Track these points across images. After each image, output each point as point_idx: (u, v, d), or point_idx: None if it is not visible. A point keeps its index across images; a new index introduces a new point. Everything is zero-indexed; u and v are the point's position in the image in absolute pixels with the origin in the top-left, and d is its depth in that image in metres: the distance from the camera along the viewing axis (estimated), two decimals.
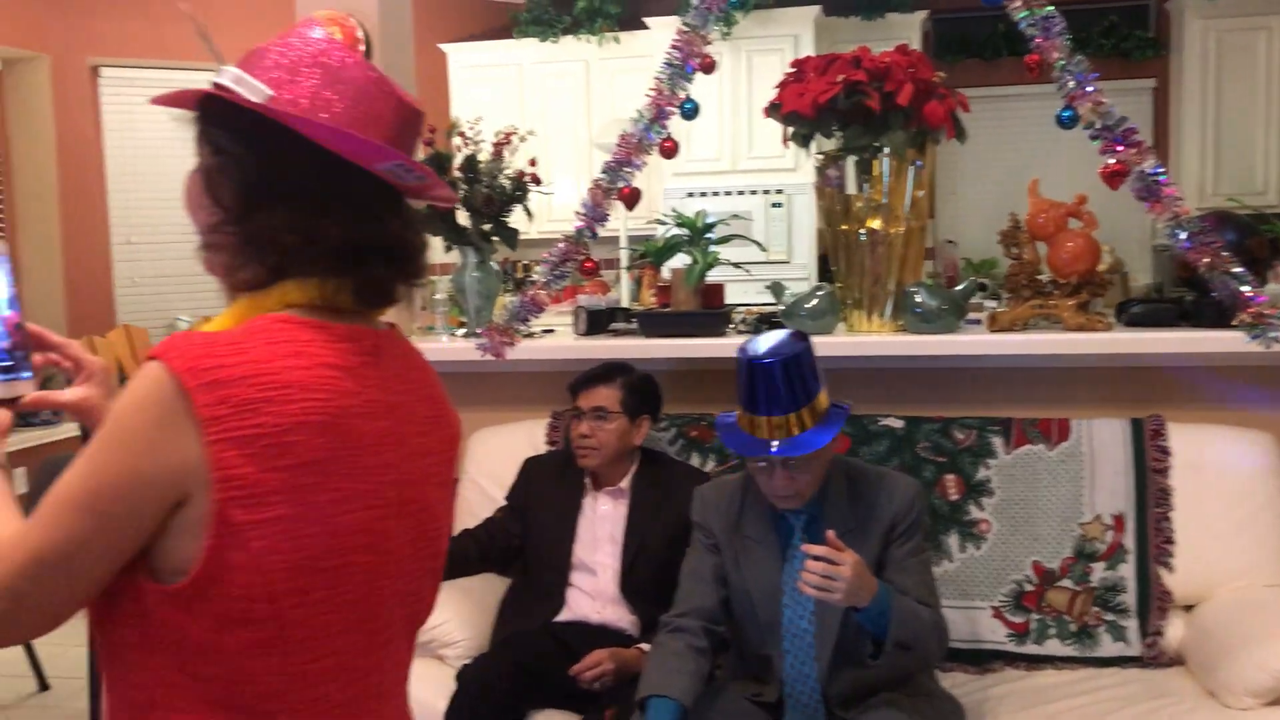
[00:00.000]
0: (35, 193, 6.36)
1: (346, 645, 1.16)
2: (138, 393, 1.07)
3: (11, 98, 6.32)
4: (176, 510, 1.06)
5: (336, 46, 1.17)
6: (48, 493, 1.08)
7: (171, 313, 6.88)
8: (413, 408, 1.23)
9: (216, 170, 1.16)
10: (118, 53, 6.51)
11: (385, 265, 1.18)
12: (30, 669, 4.17)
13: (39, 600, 1.07)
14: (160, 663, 1.10)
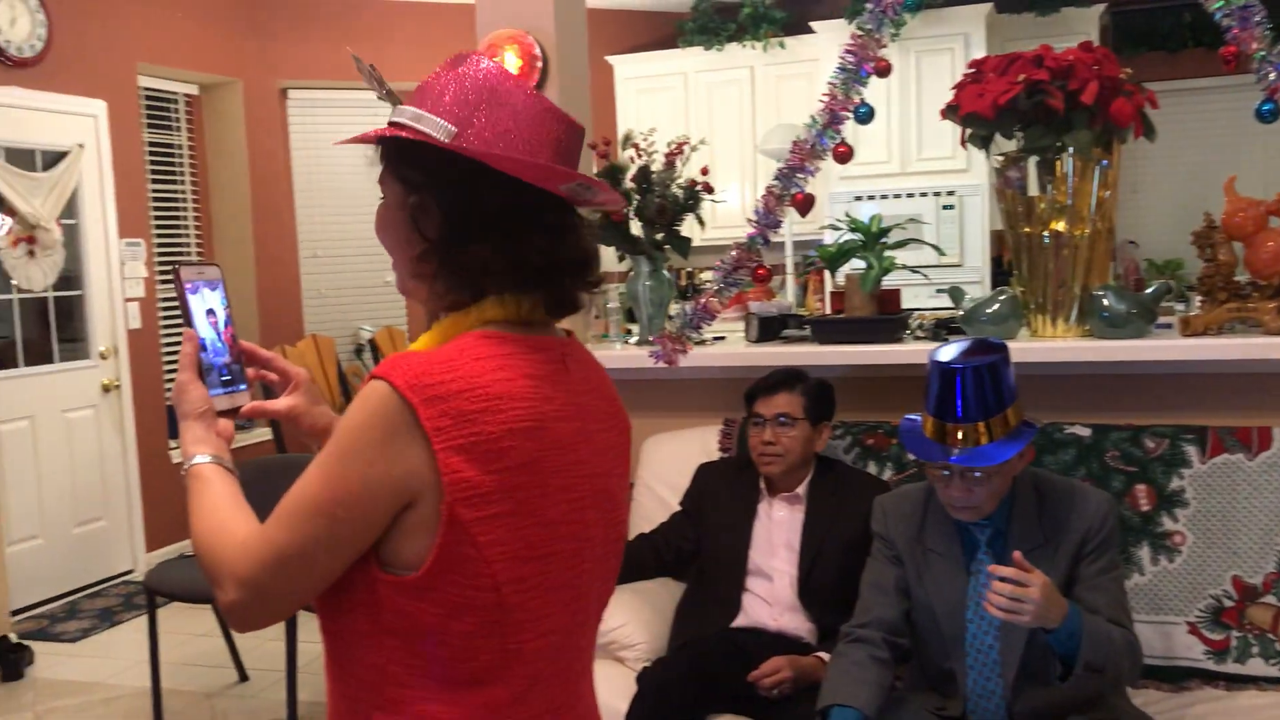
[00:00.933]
0: (231, 211, 6.73)
1: (556, 625, 1.27)
2: (367, 409, 1.17)
3: (209, 121, 6.70)
4: (405, 511, 1.17)
5: (506, 76, 1.25)
6: (285, 496, 1.21)
7: (353, 322, 7.18)
8: (595, 407, 1.33)
9: (416, 206, 1.25)
10: (304, 75, 6.84)
11: (572, 278, 1.29)
12: (231, 661, 4.41)
13: (279, 593, 1.21)
14: (391, 645, 1.21)
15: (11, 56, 5.19)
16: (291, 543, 1.18)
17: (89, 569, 5.68)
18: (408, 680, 1.22)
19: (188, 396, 1.37)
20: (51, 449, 5.47)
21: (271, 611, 1.22)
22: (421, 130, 1.23)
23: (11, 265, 5.34)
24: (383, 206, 1.30)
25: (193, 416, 1.36)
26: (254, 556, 1.19)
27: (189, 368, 1.38)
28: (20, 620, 5.07)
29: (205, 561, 1.25)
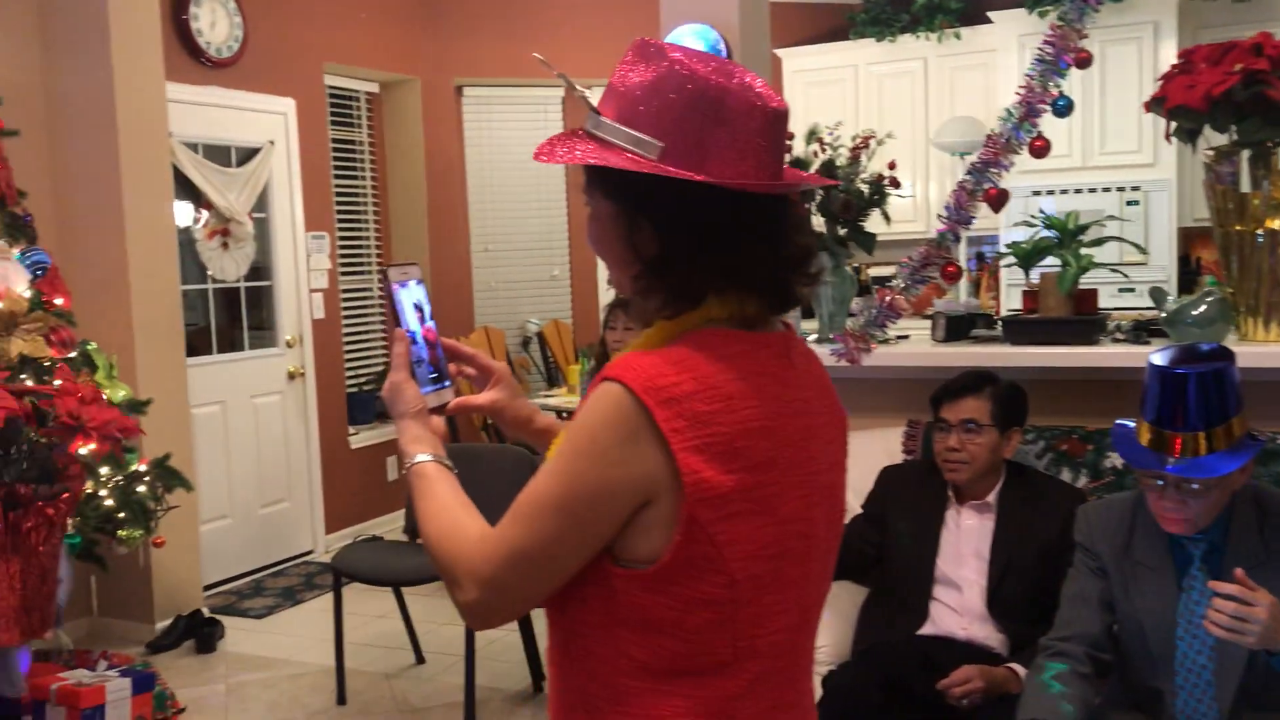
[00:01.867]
0: (408, 206, 6.93)
1: (784, 623, 1.26)
2: (603, 411, 1.18)
3: (388, 119, 6.91)
4: (642, 509, 1.18)
5: (712, 76, 1.18)
6: (520, 495, 1.22)
7: (521, 315, 7.31)
8: (817, 400, 1.31)
9: (627, 222, 1.23)
10: (478, 72, 6.98)
11: (792, 274, 1.27)
12: (409, 643, 4.54)
13: (518, 591, 1.23)
14: (623, 637, 1.22)
15: (211, 57, 5.44)
16: (530, 541, 1.19)
17: (273, 548, 5.93)
18: (639, 672, 1.22)
19: (403, 396, 1.38)
20: (240, 433, 5.73)
21: (510, 610, 1.24)
22: (631, 151, 1.19)
23: (207, 257, 5.61)
24: (593, 220, 1.29)
25: (409, 415, 1.38)
26: (493, 556, 1.21)
27: (402, 367, 1.39)
28: (210, 595, 5.33)
29: (441, 561, 1.26)
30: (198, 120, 5.44)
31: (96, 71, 4.64)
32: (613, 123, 1.21)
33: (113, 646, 4.42)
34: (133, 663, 4.06)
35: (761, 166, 1.20)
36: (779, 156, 1.23)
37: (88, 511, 3.89)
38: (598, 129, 1.23)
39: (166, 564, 4.82)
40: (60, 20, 4.71)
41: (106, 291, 4.69)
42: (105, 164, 4.68)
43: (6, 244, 3.85)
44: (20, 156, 4.11)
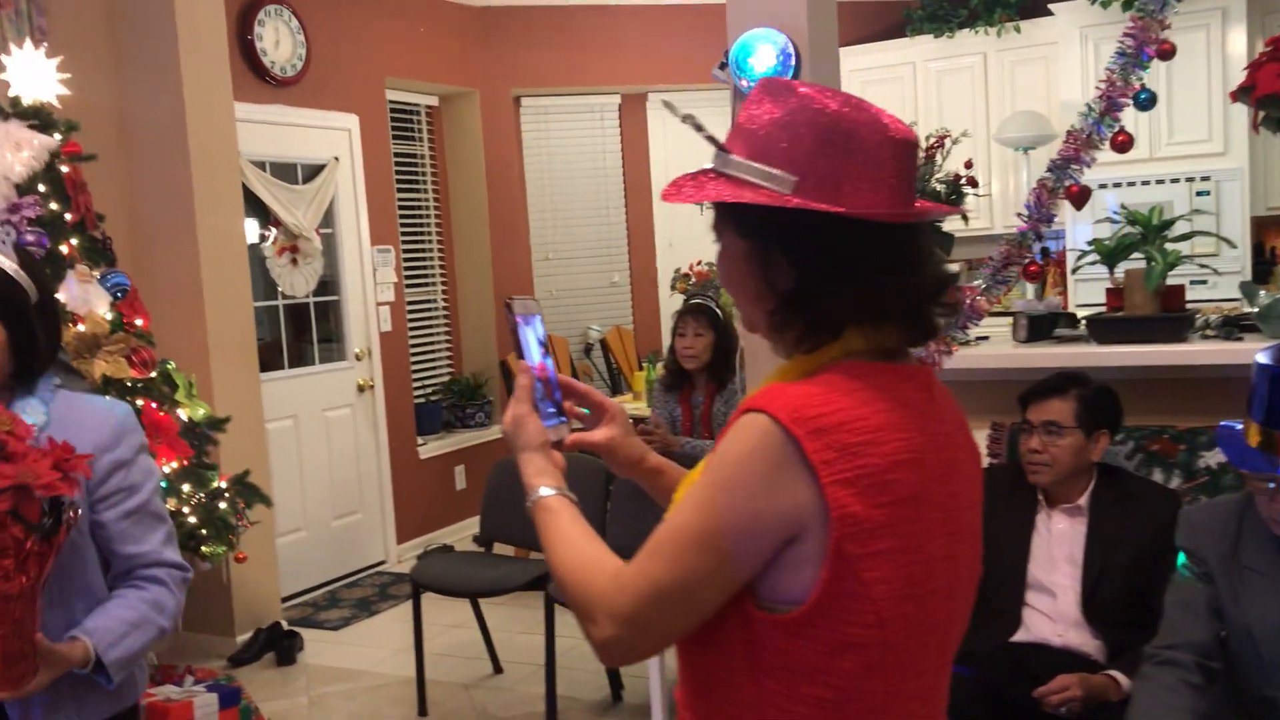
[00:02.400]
0: (469, 217, 6.97)
1: (928, 667, 1.22)
2: (749, 442, 1.14)
3: (449, 130, 6.96)
4: (788, 546, 1.14)
5: (844, 111, 1.18)
6: (660, 529, 1.19)
7: (583, 323, 7.32)
8: (958, 435, 1.27)
9: (761, 258, 1.22)
10: (535, 82, 7.01)
11: (930, 304, 1.24)
12: (487, 653, 4.56)
13: (657, 628, 1.19)
14: (769, 685, 1.17)
15: (276, 76, 5.51)
16: (671, 577, 1.15)
17: (346, 560, 5.99)
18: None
19: (525, 429, 1.37)
20: (313, 446, 5.79)
21: (647, 647, 1.20)
22: (764, 187, 1.18)
23: (277, 273, 5.68)
24: (724, 257, 1.27)
25: (532, 448, 1.36)
26: (631, 591, 1.17)
27: (525, 400, 1.38)
28: (288, 607, 5.38)
29: (575, 597, 1.23)
30: (264, 138, 5.51)
31: (167, 94, 4.72)
32: (743, 160, 1.20)
33: (195, 661, 4.48)
34: (217, 677, 4.11)
35: (894, 196, 1.18)
36: (910, 186, 1.22)
37: None
38: (727, 167, 1.22)
39: (246, 577, 4.88)
40: (132, 46, 4.79)
41: (182, 311, 4.76)
42: (178, 185, 4.75)
43: (87, 267, 3.92)
44: (97, 181, 4.18)
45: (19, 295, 1.81)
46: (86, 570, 1.85)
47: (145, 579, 1.89)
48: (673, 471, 1.49)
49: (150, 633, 1.85)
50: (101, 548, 1.87)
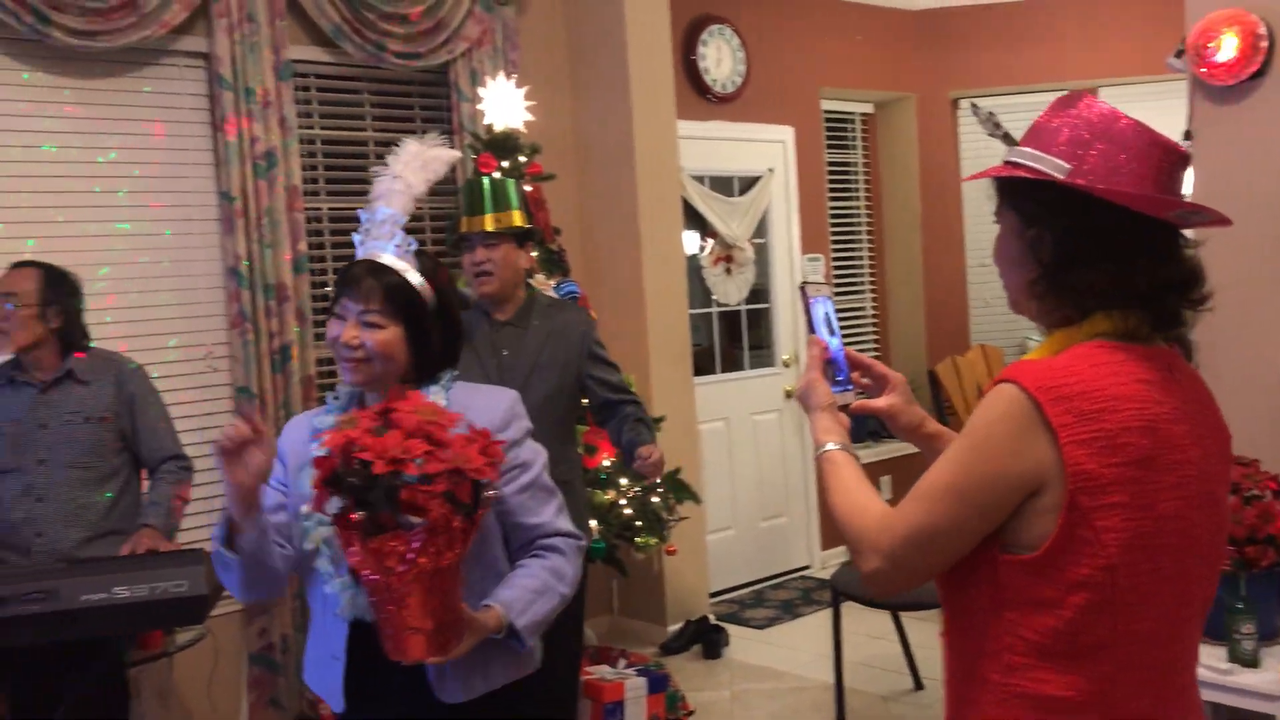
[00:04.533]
0: (901, 224, 6.89)
1: (1162, 615, 1.36)
2: (998, 406, 1.35)
3: (883, 137, 6.92)
4: (1030, 498, 1.33)
5: (1117, 115, 1.38)
6: (922, 480, 1.40)
7: (1020, 333, 6.99)
8: (1199, 414, 1.41)
9: (1034, 236, 1.41)
10: (974, 84, 6.79)
11: (1176, 297, 1.39)
12: (907, 667, 4.48)
13: (914, 565, 1.39)
14: (1010, 617, 1.37)
15: (716, 93, 5.75)
16: (928, 521, 1.37)
17: (772, 561, 6.12)
18: (1024, 649, 1.36)
19: (816, 392, 1.62)
20: (742, 448, 5.98)
21: (905, 581, 1.40)
22: (1040, 169, 1.39)
23: (712, 282, 5.92)
24: (1001, 235, 1.47)
25: (820, 409, 1.60)
26: (894, 532, 1.39)
27: (816, 368, 1.63)
28: (716, 603, 5.59)
29: (848, 535, 1.46)
30: (704, 153, 5.76)
31: (618, 116, 5.07)
32: (1028, 149, 1.42)
33: (629, 645, 4.77)
34: (648, 663, 4.36)
35: (1155, 191, 1.35)
36: (1172, 189, 1.38)
37: (610, 519, 4.24)
38: (1014, 156, 1.43)
39: (677, 570, 5.13)
40: (588, 71, 5.20)
41: (625, 316, 5.09)
42: (625, 200, 5.08)
43: (544, 277, 4.30)
44: (555, 198, 4.58)
45: (418, 300, 2.01)
46: (492, 545, 2.04)
47: (545, 548, 2.06)
48: (948, 436, 1.69)
49: (553, 599, 2.01)
50: (503, 522, 2.05)
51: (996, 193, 1.47)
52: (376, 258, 2.01)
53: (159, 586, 2.67)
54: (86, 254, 3.88)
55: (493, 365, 3.17)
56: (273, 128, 4.20)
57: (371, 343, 1.97)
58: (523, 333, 3.22)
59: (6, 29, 3.70)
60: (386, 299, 1.98)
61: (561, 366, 3.20)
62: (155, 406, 3.39)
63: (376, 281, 1.98)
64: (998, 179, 1.46)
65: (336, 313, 2.00)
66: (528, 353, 3.19)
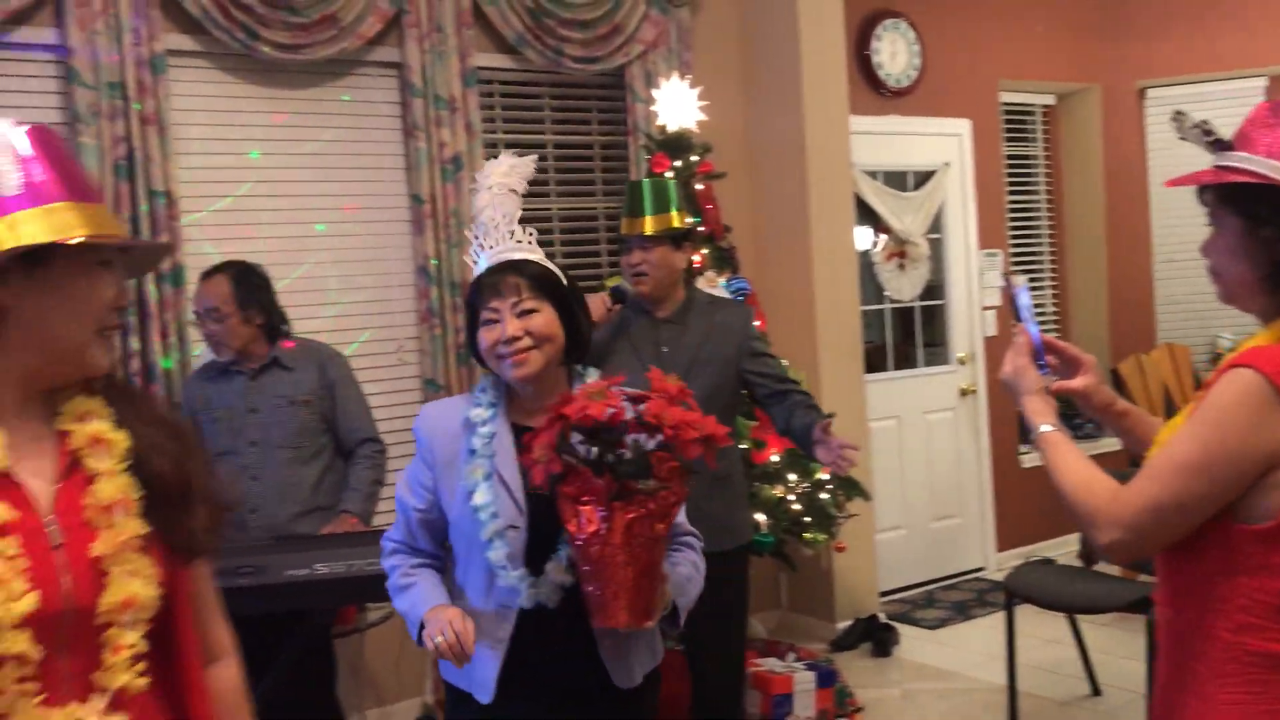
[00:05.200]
0: (1083, 218, 6.68)
1: None
2: (1236, 390, 1.48)
3: (1065, 129, 6.73)
4: (1267, 473, 1.46)
5: None
6: (1156, 457, 1.55)
7: (1211, 331, 6.68)
8: None
9: (1268, 235, 1.52)
10: (1164, 72, 6.53)
11: None
12: (1084, 672, 4.37)
13: (1153, 535, 1.53)
14: (1242, 582, 1.51)
15: (890, 88, 5.70)
16: (1166, 495, 1.50)
17: (944, 562, 6.04)
18: (1258, 611, 1.50)
19: (1026, 377, 1.75)
20: (914, 447, 5.92)
21: (1142, 550, 1.56)
22: (1267, 175, 1.51)
23: (884, 278, 5.89)
24: (1218, 235, 1.60)
25: (1033, 393, 1.75)
26: (1132, 505, 1.52)
27: (1024, 353, 1.77)
28: (886, 602, 5.55)
29: (1080, 510, 1.59)
30: (877, 148, 5.73)
31: (789, 112, 5.09)
32: (1244, 154, 1.54)
33: (799, 640, 4.80)
34: (817, 658, 4.38)
35: None
36: None
37: (779, 514, 4.28)
38: (1226, 161, 1.56)
39: (847, 568, 5.13)
40: (760, 68, 5.24)
41: (795, 313, 5.12)
42: (796, 196, 5.11)
43: (714, 274, 4.37)
44: (726, 195, 4.64)
45: (559, 281, 2.12)
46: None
47: (684, 544, 2.15)
48: (1137, 414, 1.83)
49: (698, 587, 2.10)
50: None
51: (1213, 195, 1.60)
52: (506, 258, 2.10)
53: (355, 564, 2.86)
54: (287, 253, 4.16)
55: (652, 362, 3.24)
56: (459, 132, 4.40)
57: (534, 328, 2.05)
58: (682, 330, 3.28)
59: (219, 44, 4.00)
60: (534, 286, 2.07)
61: (721, 362, 3.24)
62: (354, 391, 3.63)
63: (519, 274, 2.07)
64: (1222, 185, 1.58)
65: (486, 320, 2.08)
66: (687, 349, 3.25)
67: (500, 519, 2.02)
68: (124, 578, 1.31)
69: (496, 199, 2.14)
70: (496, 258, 2.10)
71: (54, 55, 3.74)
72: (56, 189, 1.32)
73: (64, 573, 1.28)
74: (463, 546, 2.10)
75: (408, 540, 2.17)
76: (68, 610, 1.27)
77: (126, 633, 1.31)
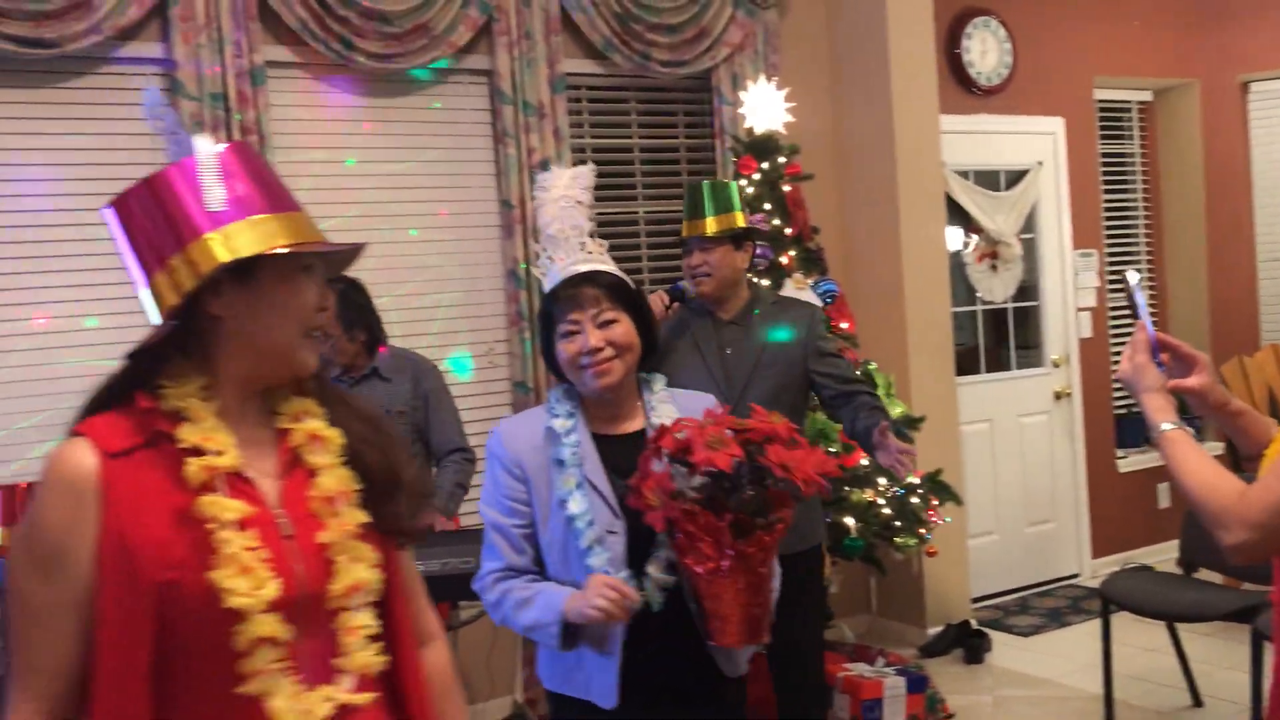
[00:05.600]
0: (1182, 216, 6.52)
1: None
2: None
3: (1162, 126, 6.56)
4: None
5: None
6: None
7: None
8: None
9: None
10: (1267, 65, 6.34)
11: None
12: (1184, 682, 4.26)
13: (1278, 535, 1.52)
14: None
15: (980, 86, 5.62)
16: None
17: (1038, 568, 5.93)
18: None
19: (1146, 375, 1.75)
20: (1006, 451, 5.82)
21: (1268, 551, 1.54)
22: None
23: (976, 279, 5.80)
24: None
25: (1153, 390, 1.74)
26: (1259, 504, 1.50)
27: (1144, 351, 1.76)
28: (978, 608, 5.47)
29: (1207, 510, 1.57)
30: (967, 148, 5.65)
31: (878, 113, 5.05)
32: None
33: (888, 645, 4.76)
34: (907, 663, 4.33)
35: None
36: None
37: (869, 518, 4.25)
38: None
39: (937, 573, 5.07)
40: (848, 68, 5.21)
41: (884, 315, 5.07)
42: (885, 197, 5.07)
43: (802, 275, 4.35)
44: (814, 196, 4.62)
45: (633, 290, 2.15)
46: None
47: None
48: (1252, 414, 1.81)
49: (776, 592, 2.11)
50: None
51: None
52: (581, 270, 2.11)
53: (450, 562, 2.92)
54: (381, 259, 4.24)
55: (716, 363, 3.24)
56: (547, 138, 4.45)
57: (616, 337, 2.08)
58: (746, 331, 3.27)
59: (317, 55, 4.10)
60: (611, 296, 2.09)
61: (785, 363, 3.22)
62: (447, 403, 3.70)
63: (596, 286, 2.09)
64: None
65: (566, 333, 2.09)
66: (751, 351, 3.23)
67: (597, 526, 2.04)
68: (349, 564, 1.38)
69: (563, 211, 2.16)
70: (570, 270, 2.12)
71: (160, 68, 3.88)
72: (259, 201, 1.37)
73: (297, 561, 1.36)
74: (557, 557, 2.10)
75: (511, 564, 2.13)
76: (302, 596, 1.35)
77: (357, 615, 1.39)
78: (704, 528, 1.86)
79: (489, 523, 2.15)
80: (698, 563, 1.88)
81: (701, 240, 3.26)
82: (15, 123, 3.75)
